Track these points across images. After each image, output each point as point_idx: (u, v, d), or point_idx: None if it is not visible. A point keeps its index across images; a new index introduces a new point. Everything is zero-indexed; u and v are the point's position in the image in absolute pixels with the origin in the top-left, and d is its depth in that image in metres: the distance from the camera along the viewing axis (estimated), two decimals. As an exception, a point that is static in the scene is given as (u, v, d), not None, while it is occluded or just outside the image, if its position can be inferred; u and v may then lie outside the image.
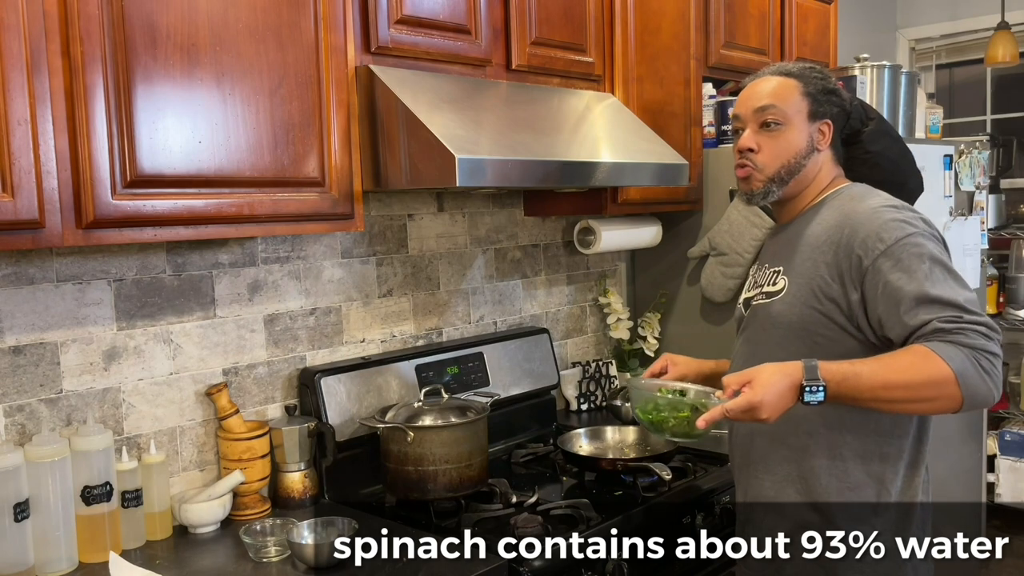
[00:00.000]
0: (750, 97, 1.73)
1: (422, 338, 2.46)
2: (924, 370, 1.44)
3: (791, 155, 1.69)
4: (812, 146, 1.70)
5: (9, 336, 1.72)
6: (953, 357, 1.43)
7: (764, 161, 1.70)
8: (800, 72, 1.72)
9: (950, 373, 1.42)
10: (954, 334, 1.45)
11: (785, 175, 1.70)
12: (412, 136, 1.80)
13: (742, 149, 1.72)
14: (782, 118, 1.68)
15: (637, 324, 3.00)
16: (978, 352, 1.44)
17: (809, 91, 1.70)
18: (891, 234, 1.54)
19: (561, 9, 2.28)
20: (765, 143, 1.70)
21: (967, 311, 1.48)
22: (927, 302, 1.49)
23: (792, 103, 1.69)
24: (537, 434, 2.58)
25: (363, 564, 1.69)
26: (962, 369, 1.43)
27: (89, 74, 1.43)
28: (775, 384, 1.46)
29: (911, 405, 1.51)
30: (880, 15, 4.86)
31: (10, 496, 1.60)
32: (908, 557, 1.64)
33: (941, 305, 1.48)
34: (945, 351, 1.44)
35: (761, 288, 1.75)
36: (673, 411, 1.68)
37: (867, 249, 1.55)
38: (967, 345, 1.44)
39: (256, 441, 1.96)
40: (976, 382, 1.43)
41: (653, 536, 2.00)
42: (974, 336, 1.45)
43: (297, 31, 1.72)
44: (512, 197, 2.69)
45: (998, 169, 4.43)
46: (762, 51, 2.99)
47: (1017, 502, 4.17)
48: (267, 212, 1.68)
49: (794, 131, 1.69)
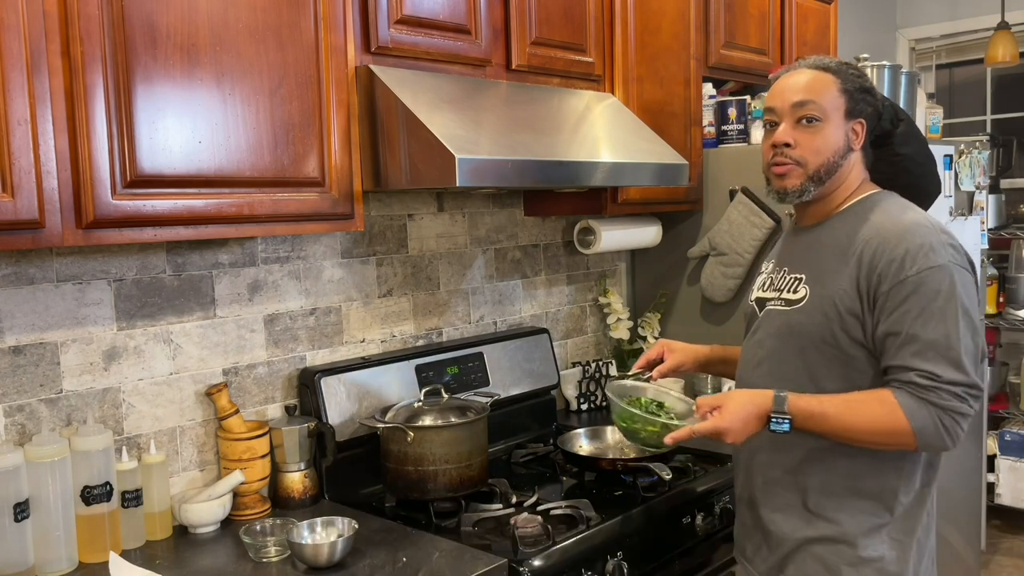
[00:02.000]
0: (786, 89, 1.66)
1: (422, 338, 2.46)
2: (885, 422, 1.51)
3: (830, 153, 1.63)
4: (848, 145, 1.65)
5: (9, 336, 1.72)
6: (916, 415, 1.49)
7: (804, 156, 1.63)
8: (838, 68, 1.65)
9: (909, 428, 1.50)
10: (927, 391, 1.50)
11: (824, 174, 1.64)
12: (412, 136, 1.80)
13: (778, 144, 1.65)
14: (821, 114, 1.62)
15: (637, 324, 3.01)
16: (944, 412, 1.50)
17: (847, 88, 1.64)
18: (915, 263, 1.52)
19: (561, 9, 2.28)
20: (803, 139, 1.63)
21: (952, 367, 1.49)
22: (920, 345, 1.51)
23: (830, 99, 1.62)
24: (537, 434, 2.58)
25: (363, 564, 1.69)
26: (921, 427, 1.50)
27: (89, 74, 1.43)
28: (742, 412, 1.56)
29: (867, 445, 1.57)
30: (880, 15, 4.86)
31: (10, 496, 1.60)
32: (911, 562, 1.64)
33: (930, 355, 1.50)
34: (911, 407, 1.50)
35: (780, 293, 1.71)
36: (645, 424, 1.79)
37: (889, 273, 1.53)
38: (935, 404, 1.49)
39: (256, 441, 1.96)
40: (932, 439, 1.51)
41: (653, 536, 2.00)
42: (947, 398, 1.49)
43: (297, 31, 1.72)
44: (512, 197, 2.69)
45: (998, 169, 4.43)
46: (762, 51, 3.00)
47: (1017, 502, 4.17)
48: (267, 212, 1.68)
49: (832, 128, 1.63)
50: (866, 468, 1.61)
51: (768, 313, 1.73)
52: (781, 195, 1.69)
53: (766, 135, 1.70)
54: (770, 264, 1.83)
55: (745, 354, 1.79)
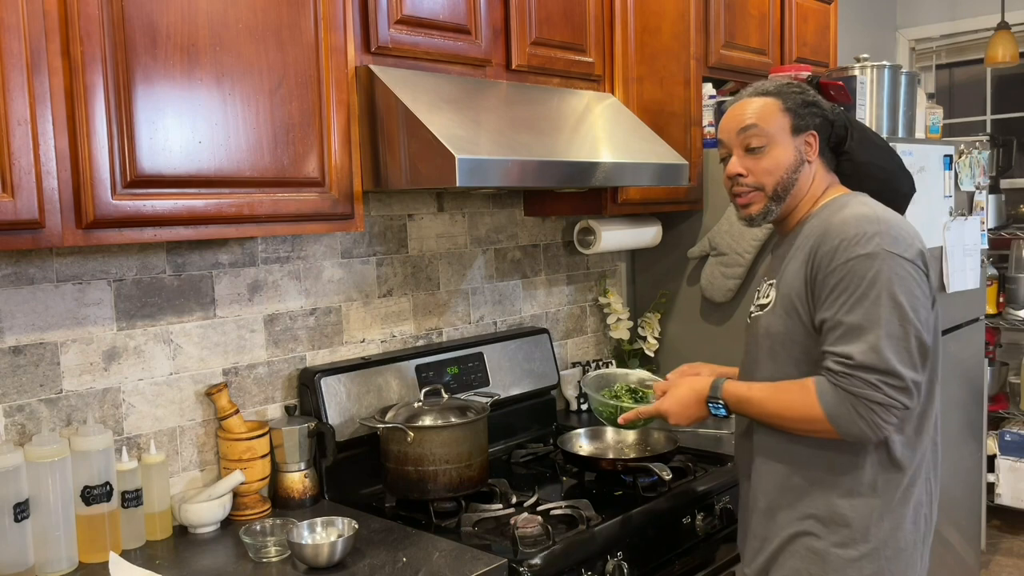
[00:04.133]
0: (730, 120, 1.73)
1: (422, 338, 2.46)
2: (801, 408, 1.57)
3: (782, 171, 1.69)
4: (801, 159, 1.70)
5: (9, 336, 1.72)
6: (829, 401, 1.53)
7: (759, 181, 1.70)
8: (777, 89, 1.72)
9: (822, 415, 1.54)
10: (840, 376, 1.53)
11: (781, 191, 1.70)
12: (412, 136, 1.80)
13: (731, 175, 1.73)
14: (765, 139, 1.69)
15: (637, 324, 3.01)
16: (858, 400, 1.51)
17: (789, 106, 1.69)
18: (846, 251, 1.55)
19: (561, 9, 2.28)
20: (752, 166, 1.70)
21: (870, 352, 1.50)
22: (842, 330, 1.53)
23: (774, 121, 1.69)
24: (537, 434, 2.58)
25: (363, 564, 1.69)
26: (835, 414, 1.53)
27: (89, 74, 1.43)
28: (683, 397, 1.76)
29: (793, 431, 1.63)
30: (880, 15, 4.86)
31: (10, 496, 1.59)
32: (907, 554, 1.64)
33: (848, 338, 1.52)
34: (825, 393, 1.54)
35: (758, 301, 1.77)
36: (608, 409, 2.03)
37: (823, 263, 1.57)
38: (849, 392, 1.52)
39: (256, 441, 1.96)
40: (849, 427, 1.53)
41: (653, 536, 2.00)
42: (859, 385, 1.51)
43: (297, 31, 1.72)
44: (512, 197, 2.69)
45: (998, 169, 4.43)
46: (762, 51, 3.00)
47: (1017, 502, 4.17)
48: (267, 212, 1.68)
49: (779, 148, 1.69)
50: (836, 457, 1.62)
51: (751, 322, 1.78)
52: (749, 221, 1.76)
53: (724, 167, 1.77)
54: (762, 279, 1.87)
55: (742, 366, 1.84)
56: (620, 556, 1.87)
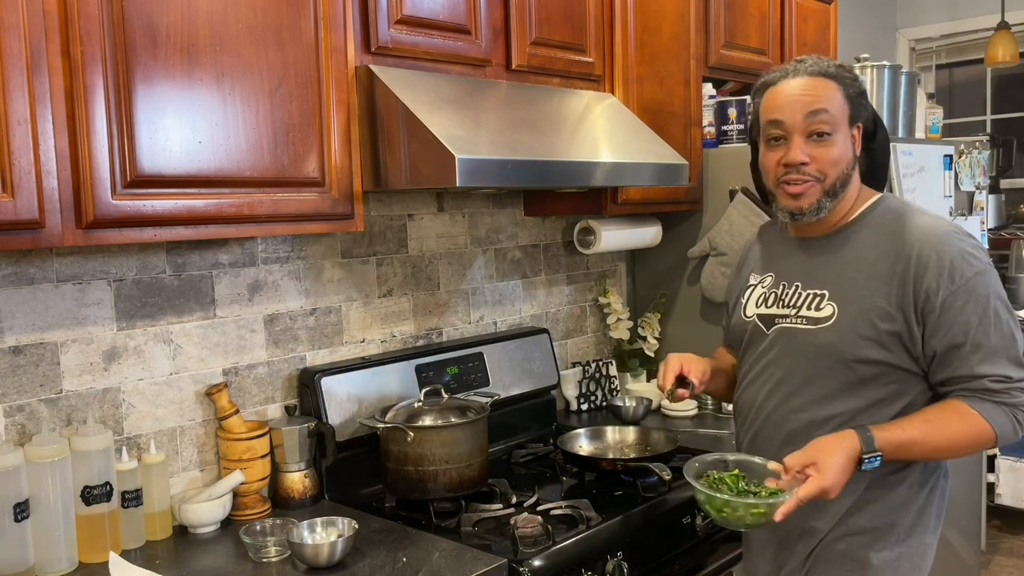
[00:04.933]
0: (795, 101, 1.56)
1: (422, 338, 2.46)
2: (970, 433, 1.53)
3: (844, 164, 1.58)
4: (855, 154, 1.61)
5: (9, 336, 1.72)
6: (997, 419, 1.52)
7: (823, 170, 1.56)
8: (838, 73, 1.59)
9: (992, 434, 1.53)
10: (1001, 395, 1.52)
11: (840, 187, 1.58)
12: (412, 136, 1.80)
13: (792, 164, 1.57)
14: (832, 126, 1.55)
15: (637, 324, 3.00)
16: (1018, 409, 1.54)
17: (849, 94, 1.58)
18: (963, 271, 1.52)
19: (561, 9, 2.28)
20: (819, 154, 1.56)
21: (1017, 366, 1.53)
22: (985, 352, 1.52)
23: (839, 108, 1.56)
24: (537, 434, 2.58)
25: (363, 564, 1.69)
26: (1003, 430, 1.53)
27: (89, 74, 1.43)
28: (838, 462, 1.46)
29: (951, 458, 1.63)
30: (880, 15, 4.86)
31: (10, 496, 1.59)
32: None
33: (996, 360, 1.52)
34: (990, 413, 1.52)
35: (796, 310, 1.65)
36: (748, 509, 1.54)
37: (939, 286, 1.51)
38: (1011, 404, 1.53)
39: (256, 441, 1.96)
40: (1010, 436, 1.55)
41: (653, 536, 2.00)
42: (1018, 395, 1.53)
43: (297, 31, 1.72)
44: (512, 197, 2.69)
45: (998, 169, 4.44)
46: (762, 51, 3.00)
47: (1017, 502, 4.17)
48: (267, 212, 1.68)
49: (841, 138, 1.57)
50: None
51: (783, 331, 1.66)
52: (796, 215, 1.61)
53: (771, 149, 1.62)
54: (766, 278, 1.76)
55: (753, 375, 1.73)
56: (620, 556, 1.87)
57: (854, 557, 1.62)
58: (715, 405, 2.84)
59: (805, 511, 1.54)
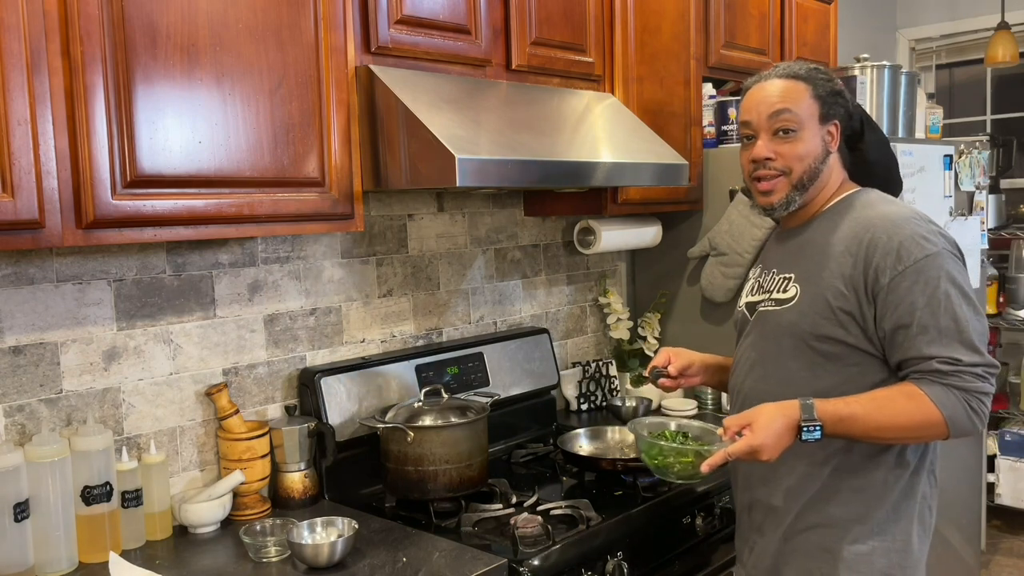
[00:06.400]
0: (760, 102, 1.67)
1: (422, 338, 2.46)
2: (917, 415, 1.51)
3: (811, 159, 1.65)
4: (826, 149, 1.67)
5: (9, 336, 1.72)
6: (946, 403, 1.50)
7: (788, 165, 1.65)
8: (808, 74, 1.67)
9: (940, 418, 1.51)
10: (950, 376, 1.51)
11: (807, 180, 1.66)
12: (412, 136, 1.80)
13: (758, 159, 1.67)
14: (797, 123, 1.64)
15: (637, 324, 3.00)
16: (970, 395, 1.51)
17: (819, 93, 1.66)
18: (912, 252, 1.53)
19: (561, 9, 2.28)
20: (783, 150, 1.65)
21: (969, 350, 1.51)
22: (934, 333, 1.51)
23: (804, 107, 1.65)
24: (537, 434, 2.58)
25: (363, 564, 1.69)
26: (952, 414, 1.51)
27: (89, 74, 1.43)
28: (774, 426, 1.52)
29: (898, 441, 1.60)
30: (880, 15, 4.86)
31: (10, 496, 1.59)
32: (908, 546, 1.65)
33: (945, 341, 1.51)
34: (939, 396, 1.50)
35: (769, 294, 1.72)
36: (678, 457, 1.69)
37: (886, 266, 1.54)
38: (961, 388, 1.51)
39: (256, 441, 1.96)
40: (964, 423, 1.52)
41: (653, 536, 2.00)
42: (970, 379, 1.51)
43: (297, 31, 1.72)
44: (512, 197, 2.69)
45: (998, 169, 4.43)
46: (762, 51, 3.00)
47: (1017, 502, 4.17)
48: (267, 212, 1.68)
49: (809, 135, 1.65)
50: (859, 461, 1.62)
51: (759, 315, 1.74)
52: (768, 210, 1.71)
53: (744, 148, 1.72)
54: (758, 269, 1.84)
55: (738, 359, 1.80)
56: (620, 556, 1.87)
57: (828, 549, 1.64)
58: (714, 403, 2.84)
59: (754, 481, 1.71)
